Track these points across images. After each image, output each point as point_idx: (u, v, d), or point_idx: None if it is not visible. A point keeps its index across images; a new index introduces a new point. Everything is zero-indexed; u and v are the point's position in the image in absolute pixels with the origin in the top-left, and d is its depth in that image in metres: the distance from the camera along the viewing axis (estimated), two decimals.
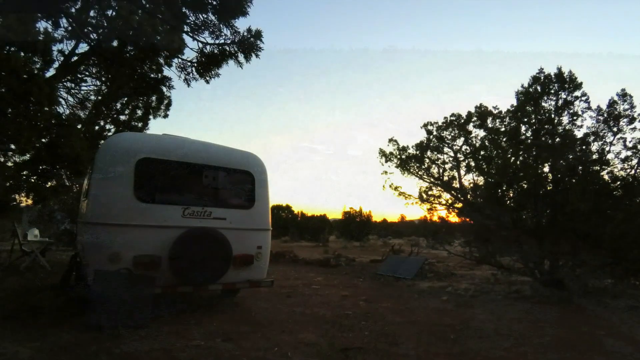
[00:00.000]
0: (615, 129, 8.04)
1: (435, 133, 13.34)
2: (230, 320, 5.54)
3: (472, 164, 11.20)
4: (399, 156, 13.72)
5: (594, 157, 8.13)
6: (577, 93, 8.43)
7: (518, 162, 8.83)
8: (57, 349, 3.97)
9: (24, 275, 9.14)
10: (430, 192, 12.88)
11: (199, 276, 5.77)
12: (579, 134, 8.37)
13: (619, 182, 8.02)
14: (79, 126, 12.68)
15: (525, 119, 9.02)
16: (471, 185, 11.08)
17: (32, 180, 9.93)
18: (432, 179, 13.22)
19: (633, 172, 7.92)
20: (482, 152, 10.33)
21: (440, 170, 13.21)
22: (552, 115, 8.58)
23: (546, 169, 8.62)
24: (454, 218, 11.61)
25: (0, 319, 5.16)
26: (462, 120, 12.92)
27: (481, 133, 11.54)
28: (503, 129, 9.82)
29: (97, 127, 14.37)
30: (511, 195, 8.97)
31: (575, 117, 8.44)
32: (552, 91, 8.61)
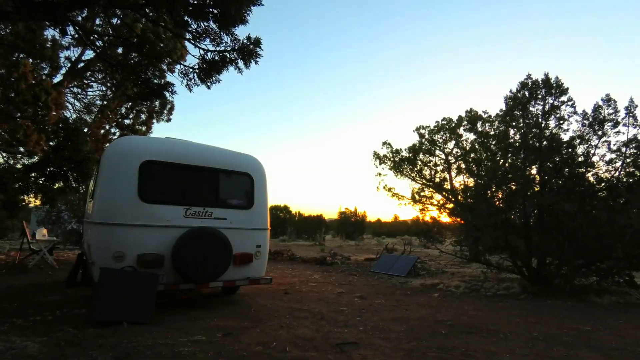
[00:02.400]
0: (600, 133, 8.07)
1: (427, 136, 13.44)
2: (231, 316, 5.54)
3: (463, 166, 11.27)
4: (392, 159, 13.80)
5: (580, 159, 8.16)
6: (564, 98, 8.47)
7: (507, 165, 8.86)
8: (64, 344, 3.97)
9: (32, 273, 9.13)
10: (422, 193, 12.98)
11: (200, 274, 5.78)
12: (565, 137, 8.42)
13: (603, 184, 8.05)
14: (85, 130, 12.69)
15: (514, 123, 9.06)
16: (462, 186, 11.16)
17: (41, 182, 9.94)
18: (424, 181, 13.30)
19: (617, 174, 7.95)
20: (472, 155, 10.38)
21: (432, 172, 13.31)
22: (540, 120, 8.62)
23: (534, 171, 8.66)
24: (445, 218, 11.71)
25: (9, 315, 5.17)
26: (453, 124, 13.02)
27: (471, 136, 11.66)
28: (492, 133, 9.88)
29: (102, 131, 14.41)
30: (500, 196, 9.00)
31: (561, 121, 8.48)
32: (540, 96, 8.65)
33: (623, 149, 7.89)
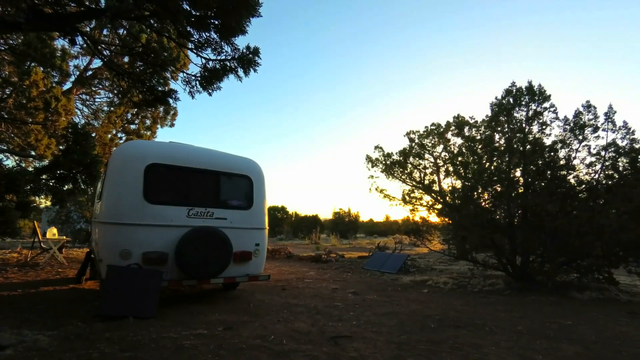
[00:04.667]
0: (580, 137, 8.11)
1: (417, 141, 13.46)
2: (231, 311, 5.54)
3: (451, 168, 11.28)
4: (384, 162, 13.82)
5: (562, 162, 8.19)
6: (546, 104, 8.51)
7: (492, 167, 8.89)
8: (73, 337, 3.97)
9: (43, 270, 9.10)
10: (412, 195, 12.99)
11: (202, 271, 5.78)
12: (547, 141, 8.45)
13: (583, 186, 8.09)
14: (93, 134, 12.68)
15: (499, 128, 9.10)
16: (450, 188, 11.16)
17: (51, 184, 9.91)
18: (414, 183, 13.32)
19: (596, 176, 8.00)
20: (459, 158, 10.40)
21: (422, 175, 13.33)
22: (523, 125, 8.66)
23: (518, 174, 8.69)
24: (434, 218, 11.70)
25: (21, 310, 5.16)
26: (442, 129, 13.05)
27: (459, 141, 11.66)
28: (479, 137, 9.90)
29: (109, 136, 14.41)
30: (486, 197, 9.02)
31: (544, 127, 8.52)
32: (523, 103, 8.69)
33: (602, 153, 7.93)
